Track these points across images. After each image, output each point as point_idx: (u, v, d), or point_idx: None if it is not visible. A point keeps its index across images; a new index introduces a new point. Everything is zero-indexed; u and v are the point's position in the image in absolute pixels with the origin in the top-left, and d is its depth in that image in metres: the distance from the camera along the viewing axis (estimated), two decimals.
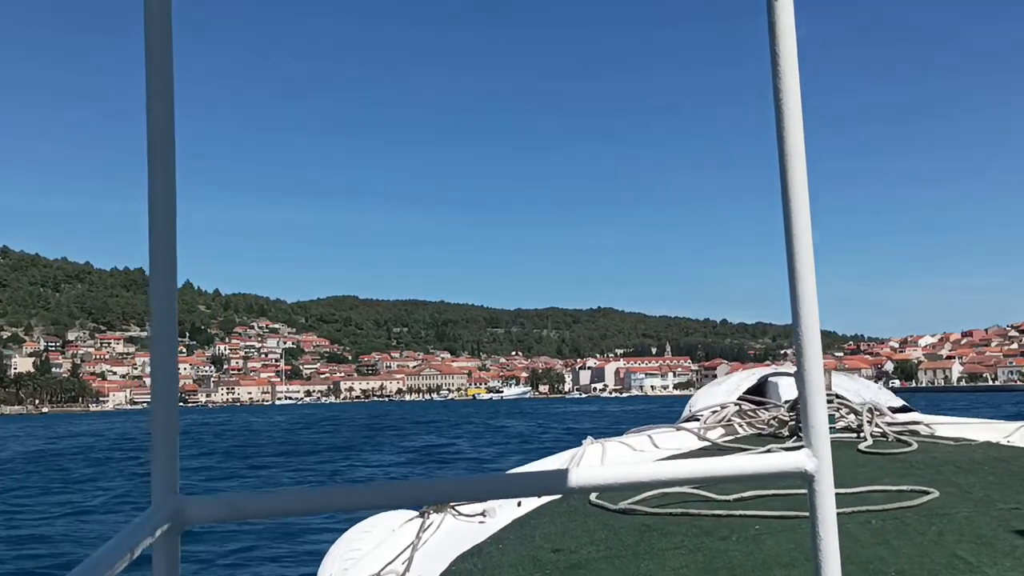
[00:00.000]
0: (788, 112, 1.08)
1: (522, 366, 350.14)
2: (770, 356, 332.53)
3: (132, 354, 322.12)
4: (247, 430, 69.45)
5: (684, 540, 3.23)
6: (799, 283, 1.09)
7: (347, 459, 35.59)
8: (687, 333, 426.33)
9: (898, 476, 4.05)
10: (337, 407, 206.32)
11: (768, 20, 1.08)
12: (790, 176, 1.09)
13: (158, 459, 1.01)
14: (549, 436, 45.38)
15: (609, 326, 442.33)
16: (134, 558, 0.91)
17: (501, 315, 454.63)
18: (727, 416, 6.19)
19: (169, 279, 1.03)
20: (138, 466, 35.00)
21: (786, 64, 1.08)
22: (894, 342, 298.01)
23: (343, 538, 4.22)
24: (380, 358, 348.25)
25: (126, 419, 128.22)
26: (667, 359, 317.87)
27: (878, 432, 5.30)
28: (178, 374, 1.05)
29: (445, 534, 3.88)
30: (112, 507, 22.52)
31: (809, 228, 1.09)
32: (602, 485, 1.21)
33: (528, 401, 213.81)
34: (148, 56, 1.01)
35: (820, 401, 1.08)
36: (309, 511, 1.06)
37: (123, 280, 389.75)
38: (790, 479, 1.09)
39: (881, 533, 3.14)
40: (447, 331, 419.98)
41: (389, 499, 1.10)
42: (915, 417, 6.31)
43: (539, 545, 3.42)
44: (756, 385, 7.08)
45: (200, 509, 1.02)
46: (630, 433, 6.19)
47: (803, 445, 4.31)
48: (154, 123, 1.01)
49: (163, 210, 1.02)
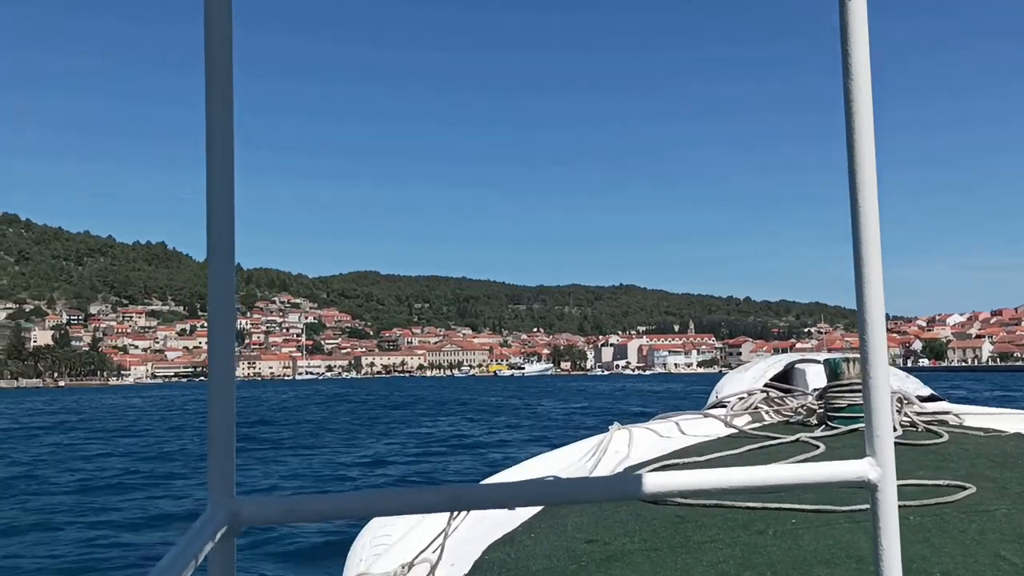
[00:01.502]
0: (857, 95, 1.03)
1: (544, 343, 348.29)
2: (794, 334, 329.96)
3: (153, 328, 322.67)
4: (249, 406, 67.40)
5: (720, 533, 3.19)
6: (866, 298, 1.06)
7: (330, 448, 31.07)
8: (710, 311, 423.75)
9: (932, 469, 3.96)
10: (357, 382, 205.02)
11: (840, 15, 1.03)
12: (858, 164, 1.04)
13: (214, 460, 1.02)
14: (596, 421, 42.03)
15: (631, 303, 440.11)
16: (199, 563, 0.92)
17: (523, 291, 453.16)
18: (754, 403, 6.10)
19: (227, 277, 1.02)
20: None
21: (856, 43, 1.03)
22: (922, 321, 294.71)
23: (372, 524, 4.18)
24: (401, 334, 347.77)
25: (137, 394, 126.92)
26: (691, 336, 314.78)
27: (907, 422, 5.17)
28: (235, 377, 1.03)
29: (476, 522, 3.84)
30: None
31: (877, 236, 1.05)
32: (655, 493, 1.12)
33: (550, 378, 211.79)
34: (208, 41, 1.01)
35: (885, 411, 1.06)
36: (365, 514, 1.06)
37: (145, 254, 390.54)
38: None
39: (920, 530, 3.08)
40: (469, 307, 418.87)
41: (446, 503, 1.10)
42: (944, 406, 6.08)
43: (572, 535, 3.37)
44: (783, 372, 6.95)
45: (256, 511, 1.03)
46: (656, 419, 5.93)
47: (832, 434, 4.76)
48: (213, 108, 1.01)
49: (222, 201, 1.01)
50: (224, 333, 1.02)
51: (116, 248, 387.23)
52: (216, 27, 1.01)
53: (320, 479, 22.21)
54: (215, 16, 1.01)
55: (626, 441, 5.25)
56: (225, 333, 1.02)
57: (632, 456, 4.88)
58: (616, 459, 4.86)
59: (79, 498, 19.55)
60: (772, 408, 6.02)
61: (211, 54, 1.01)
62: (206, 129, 1.01)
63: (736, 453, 4.47)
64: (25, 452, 31.68)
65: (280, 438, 35.69)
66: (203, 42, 1.01)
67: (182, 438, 37.08)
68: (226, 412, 1.02)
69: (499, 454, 25.94)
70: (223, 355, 1.02)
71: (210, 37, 1.01)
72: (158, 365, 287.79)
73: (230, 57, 1.02)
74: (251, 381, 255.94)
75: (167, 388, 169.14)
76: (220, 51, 1.01)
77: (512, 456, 21.05)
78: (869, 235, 1.04)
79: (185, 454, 29.28)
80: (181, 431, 42.03)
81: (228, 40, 1.02)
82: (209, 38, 1.01)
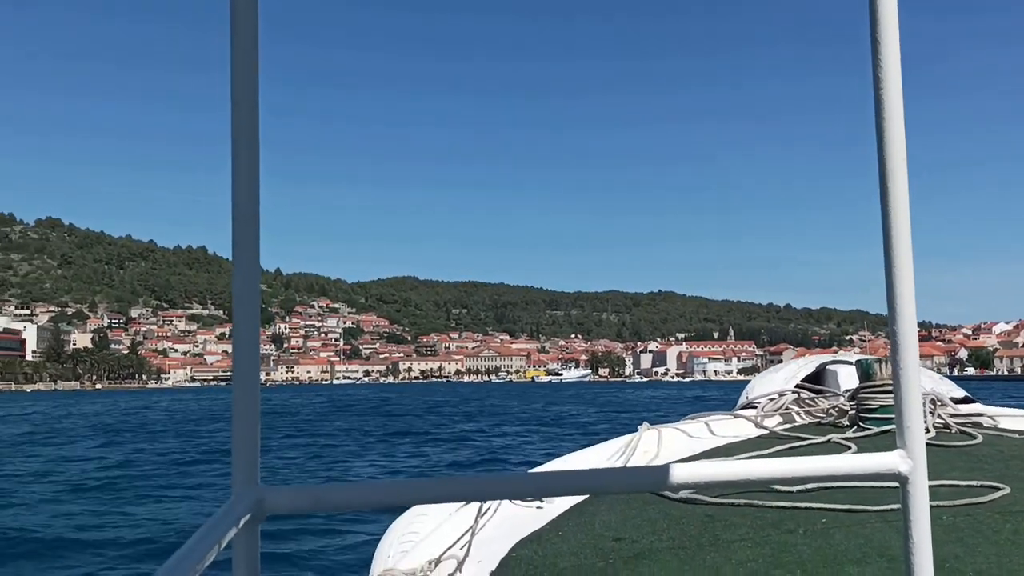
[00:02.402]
0: (888, 98, 1.03)
1: (581, 349, 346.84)
2: (835, 342, 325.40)
3: (193, 332, 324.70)
4: (274, 412, 66.36)
5: (749, 532, 3.18)
6: (897, 285, 1.05)
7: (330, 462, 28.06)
8: (750, 318, 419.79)
9: (965, 470, 3.97)
10: (394, 387, 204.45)
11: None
12: (889, 167, 1.04)
13: (239, 448, 1.02)
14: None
15: (670, 310, 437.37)
16: (221, 549, 0.93)
17: (561, 297, 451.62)
18: (785, 404, 6.09)
19: (252, 265, 1.03)
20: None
21: (887, 46, 1.03)
22: (967, 329, 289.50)
23: (400, 520, 4.19)
24: (439, 339, 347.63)
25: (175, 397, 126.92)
26: (730, 343, 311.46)
27: (940, 424, 5.20)
28: (259, 365, 1.04)
29: (503, 519, 3.85)
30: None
31: (907, 222, 1.05)
32: (687, 483, 1.13)
33: (588, 384, 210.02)
34: (234, 47, 1.02)
35: (916, 404, 1.05)
36: (391, 503, 1.06)
37: (186, 258, 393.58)
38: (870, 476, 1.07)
39: (954, 530, 3.06)
40: (506, 313, 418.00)
41: (471, 493, 1.09)
42: (978, 408, 6.07)
43: (599, 533, 3.37)
44: (814, 373, 6.91)
45: (281, 499, 1.02)
46: (686, 420, 5.96)
47: (865, 435, 4.92)
48: (239, 112, 1.02)
49: (247, 202, 1.03)
50: (248, 323, 1.02)
51: (157, 252, 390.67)
52: (241, 32, 1.02)
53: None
54: (240, 22, 1.02)
55: (655, 441, 5.27)
56: (249, 323, 1.02)
57: (661, 456, 4.91)
58: (645, 459, 4.87)
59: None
60: (803, 409, 5.99)
61: (237, 58, 1.03)
62: (231, 134, 1.02)
63: (766, 453, 4.46)
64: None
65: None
66: (229, 47, 1.03)
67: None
68: (251, 401, 1.02)
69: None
70: (247, 345, 1.02)
71: (236, 42, 1.02)
72: (197, 369, 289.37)
73: (256, 61, 1.03)
74: (289, 385, 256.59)
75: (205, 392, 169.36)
76: (245, 56, 1.03)
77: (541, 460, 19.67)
78: (899, 233, 1.04)
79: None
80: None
81: (254, 44, 1.03)
82: (235, 43, 1.02)
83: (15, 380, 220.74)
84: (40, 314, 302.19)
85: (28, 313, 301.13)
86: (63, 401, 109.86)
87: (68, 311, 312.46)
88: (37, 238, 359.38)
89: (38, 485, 22.04)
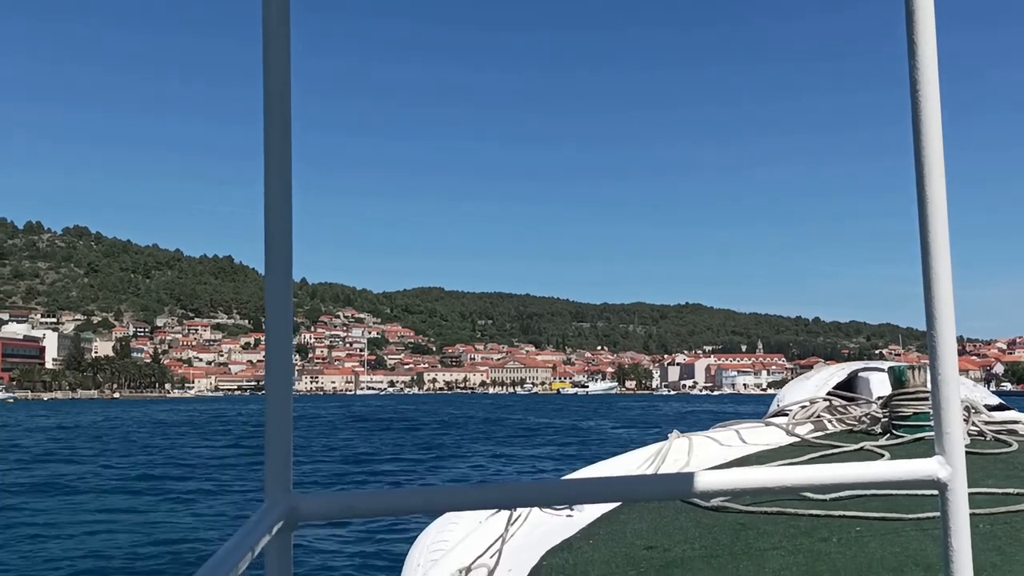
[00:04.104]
0: (926, 108, 1.02)
1: (608, 361, 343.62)
2: (865, 356, 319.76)
3: (218, 341, 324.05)
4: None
5: (782, 540, 3.15)
6: (935, 285, 1.03)
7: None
8: (778, 331, 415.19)
9: (1002, 478, 3.94)
10: (419, 398, 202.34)
11: (905, 6, 1.02)
12: (927, 177, 1.03)
13: (272, 455, 1.02)
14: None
15: (697, 322, 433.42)
16: (254, 557, 0.93)
17: (587, 309, 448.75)
18: (816, 412, 6.06)
19: (285, 273, 1.03)
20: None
21: (925, 59, 1.02)
22: (1001, 343, 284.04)
23: (430, 528, 4.19)
24: (464, 350, 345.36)
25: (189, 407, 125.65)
26: (760, 356, 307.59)
27: (975, 431, 5.21)
28: (293, 372, 1.04)
29: (533, 527, 3.85)
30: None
31: (946, 225, 1.03)
32: (722, 490, 1.13)
33: (615, 397, 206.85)
34: (266, 59, 1.03)
35: (955, 409, 1.03)
36: (422, 510, 1.05)
37: (212, 267, 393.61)
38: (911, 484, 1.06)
39: (991, 538, 3.03)
40: (532, 324, 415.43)
41: (500, 500, 1.09)
42: (1013, 416, 6.06)
43: (631, 541, 3.35)
44: (845, 380, 6.79)
45: (313, 506, 1.03)
46: (716, 428, 5.94)
47: (898, 443, 4.99)
48: (271, 126, 1.03)
49: (279, 212, 1.03)
50: (281, 333, 1.03)
51: (183, 261, 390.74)
52: (274, 46, 1.03)
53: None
54: (273, 35, 1.03)
55: (686, 449, 5.29)
56: (282, 333, 1.03)
57: (692, 464, 4.92)
58: (676, 466, 4.88)
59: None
60: (835, 416, 5.96)
61: (269, 72, 1.03)
62: (264, 147, 1.03)
63: (798, 461, 4.45)
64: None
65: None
66: (261, 60, 1.03)
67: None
68: (283, 408, 1.02)
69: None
70: (281, 354, 1.03)
71: (268, 56, 1.03)
72: (222, 378, 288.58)
73: (288, 74, 1.04)
74: (313, 395, 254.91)
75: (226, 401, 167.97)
76: (278, 70, 1.03)
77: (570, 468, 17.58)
78: (937, 236, 1.03)
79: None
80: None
81: (286, 58, 1.03)
82: (267, 57, 1.03)
83: (33, 388, 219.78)
84: (66, 322, 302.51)
85: (54, 321, 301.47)
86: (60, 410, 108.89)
87: (94, 319, 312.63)
88: (64, 247, 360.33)
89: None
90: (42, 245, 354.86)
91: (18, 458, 35.99)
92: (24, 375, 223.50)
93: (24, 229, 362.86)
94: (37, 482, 25.87)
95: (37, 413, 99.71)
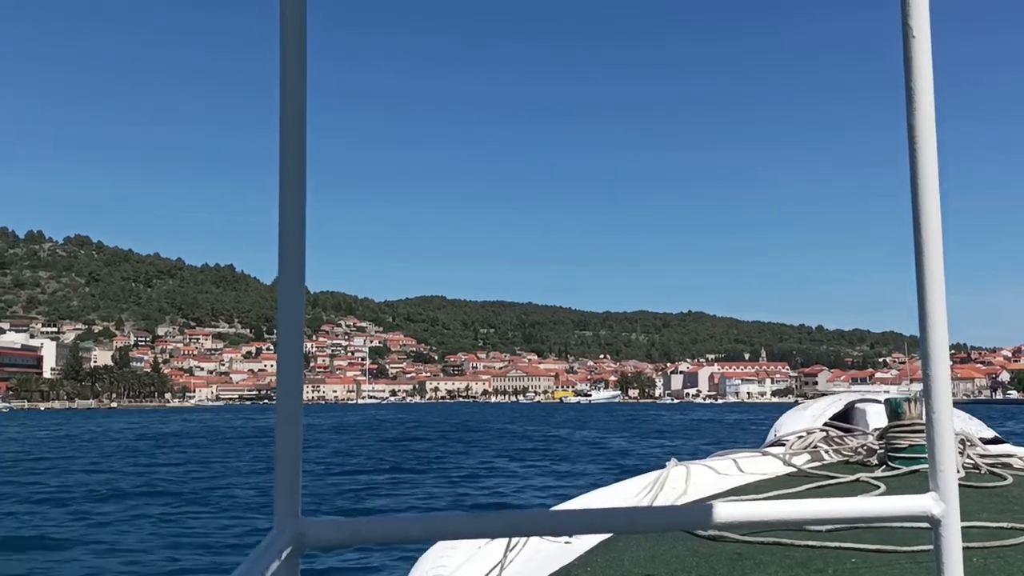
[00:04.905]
0: (920, 115, 1.02)
1: (610, 369, 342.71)
2: (869, 363, 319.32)
3: (220, 350, 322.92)
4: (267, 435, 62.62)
5: (778, 571, 3.15)
6: (930, 325, 1.04)
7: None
8: (781, 339, 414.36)
9: (996, 512, 3.94)
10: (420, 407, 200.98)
11: (901, 13, 1.02)
12: (921, 189, 1.03)
13: (281, 481, 1.02)
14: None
15: (700, 330, 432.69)
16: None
17: (589, 317, 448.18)
18: (813, 442, 6.08)
19: (296, 293, 1.04)
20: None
21: (920, 66, 1.02)
22: (1007, 351, 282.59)
23: (429, 554, 4.22)
24: (466, 358, 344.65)
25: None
26: (763, 365, 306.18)
27: (970, 464, 5.20)
28: (302, 397, 1.04)
29: (531, 553, 3.85)
30: None
31: (941, 271, 1.04)
32: (716, 523, 1.12)
33: (618, 406, 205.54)
34: (283, 66, 1.03)
35: (949, 446, 1.04)
36: (429, 537, 1.06)
37: (213, 276, 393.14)
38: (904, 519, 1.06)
39: (984, 572, 3.04)
40: (534, 333, 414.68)
41: (503, 529, 1.09)
42: (1008, 449, 6.09)
43: (628, 570, 3.34)
44: (842, 411, 6.87)
45: (321, 533, 1.03)
46: (714, 456, 5.96)
47: (894, 475, 4.71)
48: (287, 134, 1.03)
49: (293, 225, 1.03)
50: (292, 356, 1.02)
51: (185, 271, 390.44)
52: (290, 54, 1.03)
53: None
54: (290, 43, 1.03)
55: (683, 477, 5.30)
56: (293, 356, 1.02)
57: (690, 492, 4.91)
58: (674, 495, 4.89)
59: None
60: (832, 447, 5.99)
61: (286, 79, 1.03)
62: (279, 154, 1.02)
63: (794, 491, 4.48)
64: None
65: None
66: (278, 69, 1.02)
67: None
68: (293, 434, 1.02)
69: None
70: (291, 378, 1.02)
71: (285, 63, 1.03)
72: (223, 387, 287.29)
73: (304, 81, 1.04)
74: (315, 404, 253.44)
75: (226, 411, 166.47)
76: (294, 75, 1.03)
77: (567, 495, 16.52)
78: (933, 272, 1.03)
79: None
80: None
81: (302, 65, 1.03)
82: (284, 64, 1.03)
83: (30, 398, 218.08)
84: (67, 332, 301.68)
85: (55, 331, 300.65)
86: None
87: (95, 329, 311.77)
88: (65, 256, 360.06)
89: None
90: (43, 254, 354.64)
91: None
92: (21, 384, 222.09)
93: (25, 238, 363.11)
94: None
95: (23, 423, 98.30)
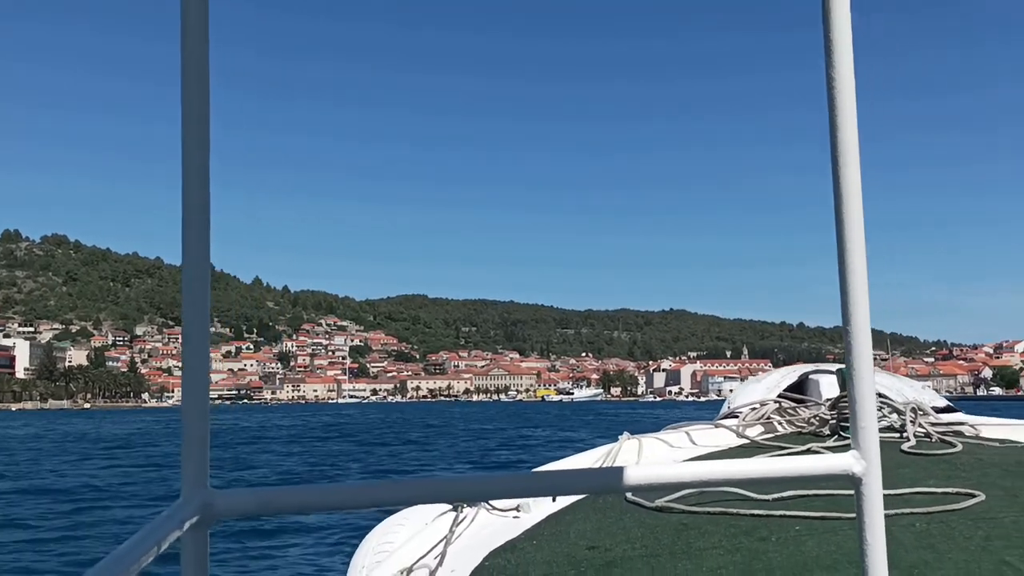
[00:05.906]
0: (842, 112, 1.05)
1: (593, 367, 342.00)
2: None
3: None
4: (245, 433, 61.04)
5: (722, 540, 3.18)
6: (849, 278, 1.06)
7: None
8: (763, 336, 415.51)
9: (943, 478, 3.98)
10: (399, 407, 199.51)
11: (823, 24, 1.04)
12: (841, 164, 1.06)
13: (189, 451, 0.99)
14: None
15: (682, 328, 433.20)
16: (161, 552, 0.89)
17: (571, 316, 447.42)
18: (766, 413, 6.13)
19: (202, 263, 1.03)
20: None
21: (841, 65, 1.04)
22: (988, 348, 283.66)
23: (376, 530, 4.28)
24: (448, 357, 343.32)
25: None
26: (746, 362, 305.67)
27: (921, 432, 5.26)
28: (209, 366, 1.02)
29: (479, 528, 3.89)
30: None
31: (861, 219, 1.07)
32: (644, 485, 1.10)
33: (601, 404, 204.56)
34: (184, 59, 1.04)
35: (870, 403, 1.05)
36: (341, 507, 1.03)
37: None
38: (834, 480, 1.07)
39: (926, 536, 3.07)
40: (516, 331, 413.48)
41: (423, 495, 1.06)
42: (960, 418, 6.17)
43: (574, 542, 3.38)
44: (797, 382, 6.94)
45: (230, 503, 0.99)
46: (667, 429, 6.04)
47: (845, 444, 4.44)
48: (189, 123, 1.05)
49: (196, 202, 1.04)
50: (197, 327, 1.01)
51: (163, 270, 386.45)
52: (192, 38, 1.04)
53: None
54: (191, 26, 1.03)
55: (635, 450, 5.34)
56: (198, 327, 1.01)
57: (641, 464, 4.91)
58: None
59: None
60: (785, 419, 6.04)
61: (187, 69, 1.04)
62: (182, 145, 1.04)
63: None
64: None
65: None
66: (180, 59, 1.03)
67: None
68: (200, 405, 1.00)
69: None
70: (196, 348, 1.01)
71: (186, 50, 1.04)
72: None
73: (206, 71, 1.04)
74: (295, 404, 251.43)
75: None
76: (196, 65, 1.04)
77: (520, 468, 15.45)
78: (853, 236, 1.06)
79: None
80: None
81: (204, 54, 1.04)
82: (185, 51, 1.04)
83: (2, 399, 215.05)
84: (44, 332, 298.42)
85: (32, 331, 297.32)
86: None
87: (72, 328, 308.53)
88: (43, 255, 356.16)
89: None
90: (20, 253, 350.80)
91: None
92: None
93: (1, 237, 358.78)
94: None
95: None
